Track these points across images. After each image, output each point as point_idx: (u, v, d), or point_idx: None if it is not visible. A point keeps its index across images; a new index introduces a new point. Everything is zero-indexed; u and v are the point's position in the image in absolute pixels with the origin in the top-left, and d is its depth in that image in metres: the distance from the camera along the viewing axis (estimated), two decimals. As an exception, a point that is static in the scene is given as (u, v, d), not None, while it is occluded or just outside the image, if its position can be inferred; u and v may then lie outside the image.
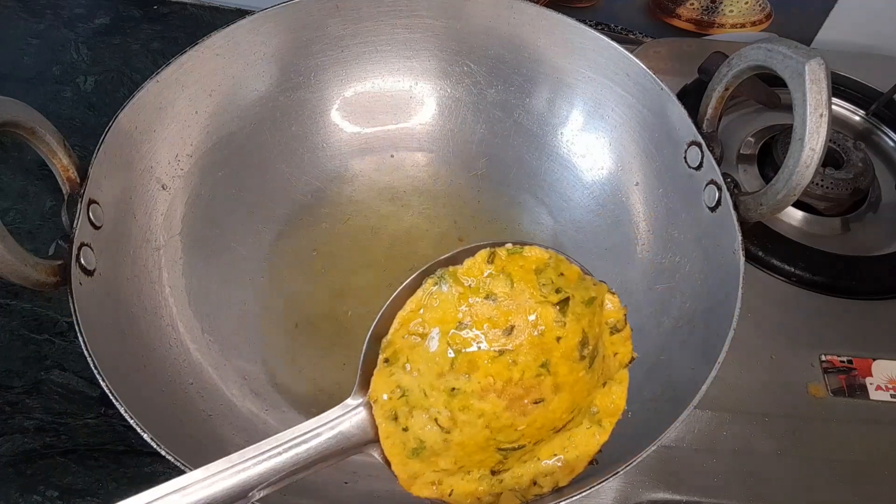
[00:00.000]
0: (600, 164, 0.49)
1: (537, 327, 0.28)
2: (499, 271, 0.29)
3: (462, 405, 0.28)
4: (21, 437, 0.43)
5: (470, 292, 0.29)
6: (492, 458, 0.30)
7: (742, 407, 0.45)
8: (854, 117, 0.61)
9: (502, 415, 0.28)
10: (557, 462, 0.31)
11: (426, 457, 0.29)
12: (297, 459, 0.27)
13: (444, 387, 0.28)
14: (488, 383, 0.28)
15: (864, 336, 0.48)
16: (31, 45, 0.64)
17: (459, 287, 0.29)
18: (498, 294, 0.29)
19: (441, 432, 0.28)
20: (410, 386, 0.29)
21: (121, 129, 0.40)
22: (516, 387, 0.28)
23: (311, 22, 0.48)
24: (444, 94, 0.52)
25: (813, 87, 0.34)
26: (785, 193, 0.37)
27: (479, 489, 0.30)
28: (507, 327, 0.28)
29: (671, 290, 0.43)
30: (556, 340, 0.29)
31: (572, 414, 0.30)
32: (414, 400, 0.29)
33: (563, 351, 0.29)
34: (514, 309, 0.29)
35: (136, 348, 0.38)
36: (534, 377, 0.28)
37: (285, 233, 0.49)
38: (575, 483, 0.31)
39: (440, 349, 0.28)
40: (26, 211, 0.53)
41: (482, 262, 0.29)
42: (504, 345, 0.28)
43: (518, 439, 0.29)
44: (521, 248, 0.30)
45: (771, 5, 0.65)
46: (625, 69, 0.45)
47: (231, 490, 0.26)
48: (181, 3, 0.68)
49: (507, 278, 0.29)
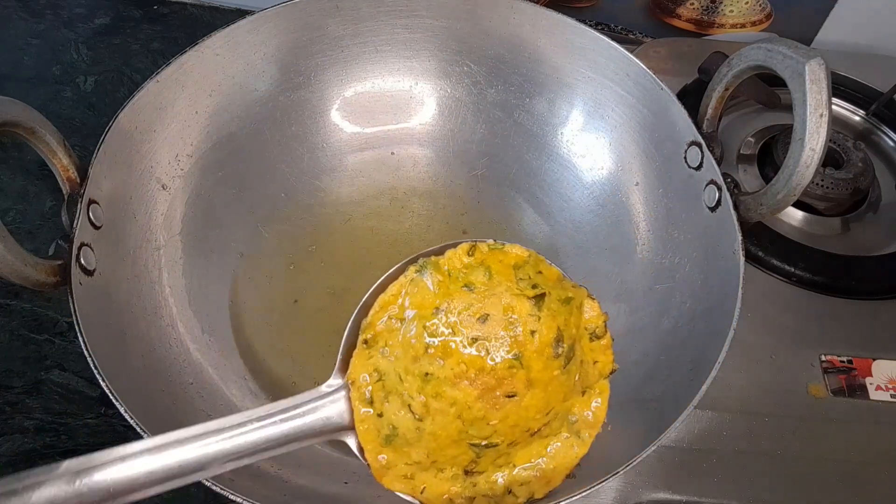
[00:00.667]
0: (600, 164, 0.49)
1: (510, 318, 0.29)
2: (478, 263, 0.30)
3: (435, 391, 0.29)
4: (21, 437, 0.43)
5: (449, 281, 0.30)
6: (465, 455, 0.30)
7: (742, 407, 0.45)
8: (854, 117, 0.61)
9: (474, 405, 0.29)
10: (534, 472, 0.31)
11: (399, 446, 0.29)
12: (270, 437, 0.28)
13: (418, 371, 0.29)
14: (461, 370, 0.29)
15: (864, 336, 0.48)
16: (31, 45, 0.64)
17: (439, 275, 0.30)
18: (475, 283, 0.30)
19: (414, 419, 0.29)
20: (387, 370, 0.29)
21: (121, 129, 0.40)
22: (489, 376, 0.29)
23: (311, 22, 0.48)
24: (444, 94, 0.52)
25: (813, 87, 0.34)
26: (785, 193, 0.37)
27: (452, 489, 0.30)
28: (481, 315, 0.29)
29: (671, 290, 0.43)
30: (531, 334, 0.29)
31: (548, 417, 0.30)
32: (390, 385, 0.29)
33: (538, 346, 0.29)
34: (490, 298, 0.29)
35: (136, 348, 0.38)
36: (506, 368, 0.29)
37: (285, 233, 0.49)
38: (551, 496, 0.31)
39: (416, 333, 0.29)
40: (26, 211, 0.53)
41: (462, 254, 0.31)
42: (478, 332, 0.29)
43: (491, 435, 0.30)
44: (503, 245, 0.31)
45: (771, 5, 0.65)
46: (625, 69, 0.45)
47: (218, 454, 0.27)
48: (181, 3, 0.68)
49: (485, 270, 0.30)
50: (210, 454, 0.26)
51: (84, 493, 0.24)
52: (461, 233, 0.50)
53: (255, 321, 0.45)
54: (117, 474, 0.25)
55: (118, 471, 0.25)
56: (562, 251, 0.48)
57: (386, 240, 0.49)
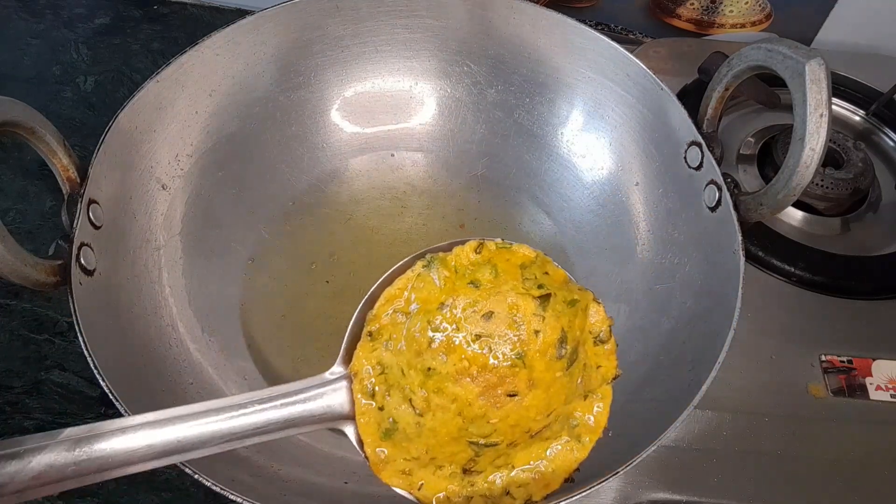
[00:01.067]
0: (600, 164, 0.49)
1: (515, 316, 0.29)
2: (485, 261, 0.30)
3: (436, 387, 0.29)
4: (21, 437, 0.43)
5: (455, 277, 0.30)
6: (464, 453, 0.30)
7: (742, 407, 0.45)
8: (854, 117, 0.61)
9: (475, 402, 0.29)
10: (532, 474, 0.31)
11: (398, 440, 0.29)
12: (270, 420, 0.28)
13: (420, 366, 0.29)
14: (463, 367, 0.29)
15: (864, 336, 0.48)
16: (31, 45, 0.64)
17: (446, 271, 0.30)
18: (481, 281, 0.30)
19: (415, 414, 0.29)
20: (390, 363, 0.29)
21: (121, 129, 0.40)
22: (491, 374, 0.29)
23: (311, 22, 0.48)
24: (444, 94, 0.52)
25: (813, 87, 0.34)
26: (785, 193, 0.37)
27: (450, 488, 0.30)
28: (486, 312, 0.29)
29: (671, 290, 0.43)
30: (535, 334, 0.29)
31: (549, 419, 0.30)
32: (392, 378, 0.29)
33: (541, 346, 0.29)
34: (496, 296, 0.30)
35: (136, 348, 0.38)
36: (509, 367, 0.29)
37: (285, 233, 0.49)
38: (549, 498, 0.31)
39: (420, 327, 0.29)
40: (26, 211, 0.53)
41: (470, 251, 0.31)
42: (482, 329, 0.29)
43: (491, 434, 0.30)
44: (510, 244, 0.31)
45: (771, 5, 0.65)
46: (625, 69, 0.45)
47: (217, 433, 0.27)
48: (181, 3, 0.68)
49: (491, 268, 0.30)
50: (210, 432, 0.27)
51: (83, 460, 0.25)
52: (458, 226, 0.50)
53: (256, 321, 0.45)
54: (117, 445, 0.25)
55: (118, 442, 0.25)
56: (562, 251, 0.48)
57: (386, 239, 0.49)
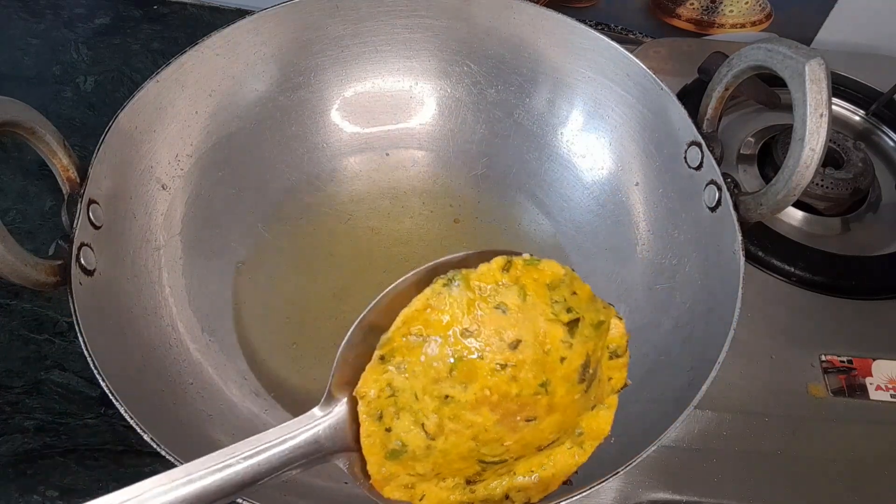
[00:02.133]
0: (600, 164, 0.49)
1: (544, 346, 0.27)
2: (513, 281, 0.28)
3: (453, 414, 0.27)
4: (21, 437, 0.43)
5: (480, 299, 0.27)
6: (471, 469, 0.29)
7: (742, 407, 0.45)
8: (854, 117, 0.61)
9: (492, 429, 0.28)
10: (532, 478, 0.30)
11: (405, 460, 0.28)
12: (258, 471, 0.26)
13: (437, 393, 0.27)
14: (484, 396, 0.27)
15: (864, 336, 0.48)
16: (31, 45, 0.64)
17: (470, 292, 0.27)
18: (509, 305, 0.27)
19: (426, 438, 0.28)
20: (402, 387, 0.27)
21: (121, 129, 0.40)
22: (512, 403, 0.27)
23: (311, 22, 0.48)
24: (444, 94, 0.52)
25: (813, 87, 0.34)
26: (785, 193, 0.37)
27: (451, 497, 0.30)
28: (513, 341, 0.27)
29: (671, 290, 0.43)
30: (560, 361, 0.28)
31: (559, 434, 0.30)
32: (403, 402, 0.28)
33: (565, 372, 0.28)
34: (524, 323, 0.27)
35: (136, 348, 0.38)
36: (531, 395, 0.27)
37: (285, 232, 0.49)
38: (547, 500, 0.31)
39: (440, 354, 0.27)
40: (26, 211, 0.53)
41: (497, 270, 0.28)
42: (508, 359, 0.27)
43: (502, 454, 0.29)
44: (538, 260, 0.28)
45: (771, 5, 0.65)
46: (625, 69, 0.45)
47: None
48: (181, 3, 0.68)
49: (520, 290, 0.28)
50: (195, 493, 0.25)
51: None
52: (453, 221, 0.50)
53: (256, 321, 0.45)
54: None
55: None
56: (562, 251, 0.48)
57: (386, 239, 0.49)
